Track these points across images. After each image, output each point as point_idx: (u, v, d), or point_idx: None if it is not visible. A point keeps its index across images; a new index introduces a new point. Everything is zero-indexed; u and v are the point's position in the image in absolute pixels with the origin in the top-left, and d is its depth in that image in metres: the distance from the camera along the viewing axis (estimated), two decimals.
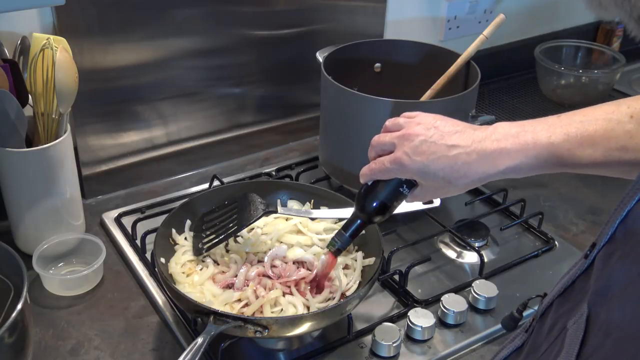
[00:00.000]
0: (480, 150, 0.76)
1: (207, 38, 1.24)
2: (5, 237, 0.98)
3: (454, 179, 0.77)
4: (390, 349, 0.92)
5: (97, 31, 1.12)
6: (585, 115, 0.74)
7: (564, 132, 0.73)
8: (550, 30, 1.79)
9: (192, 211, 1.03)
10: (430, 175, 0.78)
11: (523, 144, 0.74)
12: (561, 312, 0.62)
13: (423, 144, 0.78)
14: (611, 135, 0.72)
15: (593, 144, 0.73)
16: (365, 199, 0.85)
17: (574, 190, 1.34)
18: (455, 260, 1.12)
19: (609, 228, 0.57)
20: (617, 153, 0.73)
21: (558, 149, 0.73)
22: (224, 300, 0.89)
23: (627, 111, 0.73)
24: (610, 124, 0.73)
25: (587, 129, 0.73)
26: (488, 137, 0.76)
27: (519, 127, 0.75)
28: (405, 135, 0.79)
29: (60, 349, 0.93)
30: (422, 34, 1.54)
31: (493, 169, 0.76)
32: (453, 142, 0.77)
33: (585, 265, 0.60)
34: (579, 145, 0.73)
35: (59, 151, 1.01)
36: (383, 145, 0.82)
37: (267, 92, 1.37)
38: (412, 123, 0.80)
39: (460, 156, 0.76)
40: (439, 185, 0.79)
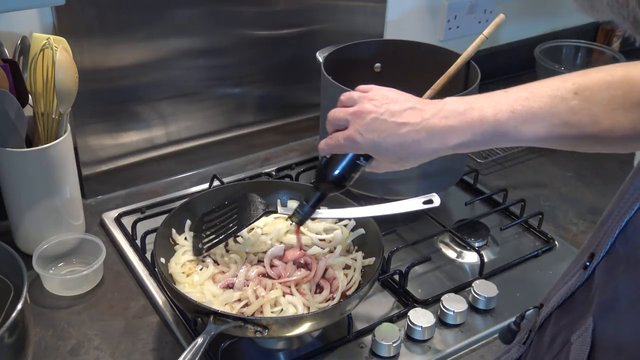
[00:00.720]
0: (429, 127, 0.77)
1: (207, 38, 1.24)
2: (5, 237, 0.98)
3: (404, 156, 0.79)
4: (390, 349, 0.92)
5: (97, 31, 1.12)
6: (531, 92, 0.76)
7: (510, 110, 0.75)
8: (550, 30, 1.79)
9: (192, 211, 1.03)
10: (382, 152, 0.80)
11: (470, 121, 0.76)
12: (562, 325, 0.61)
13: (374, 121, 0.79)
14: (555, 111, 0.74)
15: (537, 120, 0.74)
16: (324, 171, 0.87)
17: (574, 190, 1.34)
18: (455, 260, 1.12)
19: (608, 238, 0.56)
20: (561, 129, 0.75)
21: (504, 126, 0.75)
22: (224, 300, 0.89)
23: (571, 88, 0.75)
24: (555, 100, 0.74)
25: (532, 105, 0.75)
26: (437, 114, 0.77)
27: (467, 103, 0.77)
28: (357, 112, 0.81)
29: (60, 349, 0.93)
30: (422, 34, 1.54)
31: (442, 145, 0.77)
32: (403, 119, 0.78)
33: (585, 276, 0.59)
34: (523, 122, 0.75)
35: (59, 151, 1.01)
36: (338, 120, 0.83)
37: (267, 92, 1.37)
38: (365, 99, 0.82)
39: (410, 134, 0.78)
40: (392, 159, 0.81)
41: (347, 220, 1.05)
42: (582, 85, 0.75)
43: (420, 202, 0.98)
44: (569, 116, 0.74)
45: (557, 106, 0.74)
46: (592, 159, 1.43)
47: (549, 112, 0.74)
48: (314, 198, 0.91)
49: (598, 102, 0.74)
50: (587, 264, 0.59)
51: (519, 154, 1.45)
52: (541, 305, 0.67)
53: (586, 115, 0.74)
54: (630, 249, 0.54)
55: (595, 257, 0.58)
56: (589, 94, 0.74)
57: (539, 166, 1.42)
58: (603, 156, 1.32)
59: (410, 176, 1.15)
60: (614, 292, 0.54)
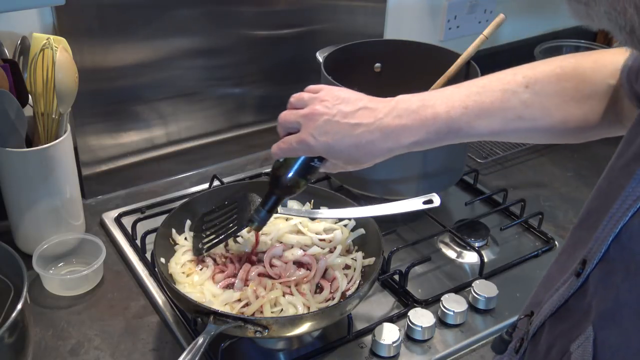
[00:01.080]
0: (382, 127, 0.77)
1: (207, 38, 1.24)
2: (5, 237, 0.98)
3: (359, 157, 0.79)
4: (390, 349, 0.92)
5: (97, 31, 1.12)
6: (483, 87, 0.76)
7: (462, 106, 0.75)
8: (550, 30, 1.79)
9: (192, 211, 1.03)
10: (336, 154, 0.79)
11: (423, 119, 0.75)
12: (557, 333, 0.60)
13: (327, 123, 0.78)
14: (507, 106, 0.74)
15: (490, 115, 0.74)
16: (279, 175, 0.86)
17: (574, 190, 1.34)
18: (455, 260, 1.12)
19: (601, 245, 0.55)
20: (514, 123, 0.75)
21: (457, 123, 0.75)
22: (224, 300, 0.89)
23: (522, 81, 0.75)
24: (506, 94, 0.74)
25: (484, 101, 0.74)
26: (389, 114, 0.77)
27: (420, 101, 0.77)
28: (309, 114, 0.80)
29: (60, 349, 0.93)
30: (422, 34, 1.54)
31: (396, 145, 0.77)
32: (356, 120, 0.78)
33: (579, 284, 0.58)
34: (476, 118, 0.75)
35: (59, 151, 1.01)
36: (289, 123, 0.82)
37: (267, 92, 1.37)
38: (316, 100, 0.81)
39: (364, 135, 0.77)
40: (347, 161, 0.80)
41: (347, 220, 1.04)
42: (532, 79, 0.75)
43: (420, 202, 0.98)
44: (522, 110, 0.74)
45: (509, 100, 0.74)
46: (592, 159, 1.43)
47: (501, 107, 0.74)
48: (270, 202, 0.89)
49: (549, 95, 0.75)
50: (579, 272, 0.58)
51: (519, 154, 1.45)
52: (531, 313, 0.66)
53: (538, 108, 0.75)
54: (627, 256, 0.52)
55: (588, 264, 0.56)
56: (540, 87, 0.75)
57: (539, 166, 1.42)
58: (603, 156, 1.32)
59: (410, 176, 1.15)
60: (615, 301, 0.53)
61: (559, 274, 0.62)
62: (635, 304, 0.51)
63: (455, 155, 1.20)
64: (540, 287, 0.67)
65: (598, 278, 0.55)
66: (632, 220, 0.52)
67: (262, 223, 0.91)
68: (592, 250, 0.56)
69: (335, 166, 0.83)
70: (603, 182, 0.62)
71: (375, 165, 0.81)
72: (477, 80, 0.78)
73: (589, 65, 0.76)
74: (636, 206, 0.51)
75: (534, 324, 0.64)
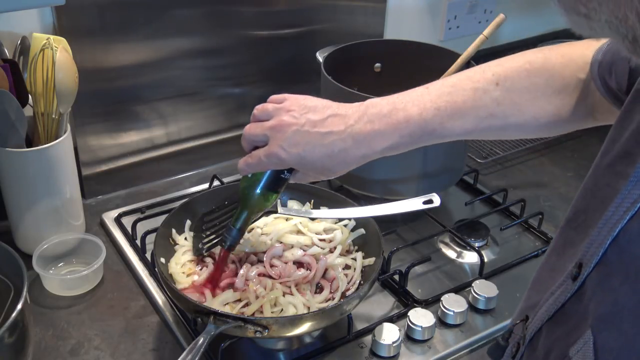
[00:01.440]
0: (354, 134, 0.75)
1: (207, 38, 1.24)
2: (5, 237, 0.98)
3: (332, 166, 0.77)
4: (390, 349, 0.92)
5: (97, 31, 1.12)
6: (453, 86, 0.75)
7: (435, 107, 0.74)
8: (550, 30, 1.79)
9: (192, 211, 1.03)
10: (308, 165, 0.77)
11: (396, 123, 0.74)
12: (555, 338, 0.60)
13: (296, 134, 0.76)
14: (479, 104, 0.74)
15: (463, 115, 0.74)
16: (249, 191, 0.84)
17: (574, 190, 1.33)
18: (455, 260, 1.12)
19: (598, 248, 0.54)
20: (486, 121, 0.74)
21: (430, 124, 0.74)
22: (224, 300, 0.89)
23: (492, 79, 0.75)
24: (477, 93, 0.74)
25: (456, 100, 0.74)
26: (360, 119, 0.75)
27: (390, 104, 0.75)
28: (276, 126, 0.77)
29: (60, 349, 0.93)
30: (422, 34, 1.54)
31: (370, 151, 0.75)
32: (327, 129, 0.76)
33: (576, 287, 0.57)
34: (449, 118, 0.74)
35: (59, 151, 1.01)
36: (255, 137, 0.80)
37: (267, 92, 1.35)
38: (281, 111, 0.79)
39: (336, 143, 0.75)
40: (319, 171, 0.79)
41: (347, 220, 1.04)
42: (502, 76, 0.75)
43: (420, 202, 0.98)
44: (493, 108, 0.74)
45: (481, 99, 0.74)
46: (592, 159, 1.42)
47: (473, 106, 0.74)
48: (242, 219, 0.87)
49: (520, 91, 0.74)
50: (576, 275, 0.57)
51: (519, 154, 1.45)
52: (526, 317, 0.65)
53: (509, 105, 0.74)
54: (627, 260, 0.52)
55: (585, 267, 0.55)
56: (510, 84, 0.74)
57: (539, 166, 1.42)
58: None
59: (410, 176, 1.15)
60: (614, 304, 0.52)
61: (550, 275, 0.62)
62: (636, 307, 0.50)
63: (455, 155, 1.20)
64: (532, 290, 0.67)
65: (595, 281, 0.55)
66: (631, 223, 0.51)
67: (234, 242, 0.89)
68: (588, 254, 0.55)
69: (307, 176, 0.82)
70: (589, 181, 0.62)
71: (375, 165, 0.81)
72: (446, 79, 0.77)
73: (558, 59, 0.76)
74: (634, 209, 0.51)
75: (530, 329, 0.63)
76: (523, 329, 0.65)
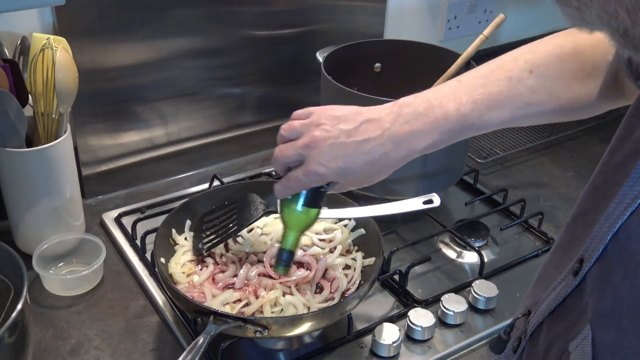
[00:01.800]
0: (393, 137, 0.73)
1: (207, 38, 1.24)
2: (5, 237, 0.98)
3: (375, 172, 0.76)
4: (390, 349, 0.92)
5: (97, 31, 1.12)
6: (486, 77, 0.74)
7: (471, 101, 0.73)
8: (550, 30, 1.78)
9: (192, 211, 1.03)
10: (351, 176, 0.76)
11: (434, 121, 0.73)
12: (556, 333, 0.60)
13: (333, 148, 0.74)
14: (515, 94, 0.73)
15: (500, 106, 0.73)
16: (290, 212, 0.82)
17: (574, 190, 1.34)
18: (455, 260, 1.12)
19: (599, 244, 0.54)
20: (523, 109, 0.74)
21: (468, 119, 0.73)
22: (224, 300, 0.89)
23: (525, 66, 0.74)
24: (512, 82, 0.73)
25: (492, 92, 0.73)
26: (396, 121, 0.74)
27: (425, 102, 0.74)
28: (310, 144, 0.75)
29: (60, 349, 0.93)
30: (422, 34, 1.54)
31: (411, 151, 0.74)
32: (363, 136, 0.74)
33: (577, 282, 0.57)
34: (487, 110, 0.73)
35: (59, 151, 1.01)
36: (289, 158, 0.78)
37: (267, 92, 1.37)
38: (311, 126, 0.76)
39: (376, 149, 0.73)
40: (362, 179, 0.78)
41: (347, 220, 1.04)
42: (534, 63, 0.74)
43: (420, 202, 0.98)
44: (529, 96, 0.73)
45: (516, 88, 0.73)
46: (592, 159, 1.43)
47: (509, 96, 0.73)
48: (290, 242, 0.85)
49: (553, 77, 0.74)
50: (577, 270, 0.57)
51: (519, 154, 1.45)
52: (528, 312, 0.65)
53: (545, 92, 0.74)
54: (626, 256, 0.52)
55: (586, 263, 0.56)
56: (543, 70, 0.74)
57: (539, 166, 1.42)
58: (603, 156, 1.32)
59: (410, 176, 1.15)
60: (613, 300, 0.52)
61: (555, 272, 0.62)
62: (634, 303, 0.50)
63: (455, 155, 1.20)
64: (537, 285, 0.67)
65: (596, 277, 0.55)
66: (631, 219, 0.51)
67: (288, 264, 0.87)
68: (589, 249, 0.55)
69: (347, 186, 0.81)
70: (598, 179, 0.61)
71: None
72: (477, 70, 0.76)
73: (587, 42, 0.75)
74: (634, 205, 0.51)
75: (532, 324, 0.63)
76: (525, 324, 0.65)
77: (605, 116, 1.63)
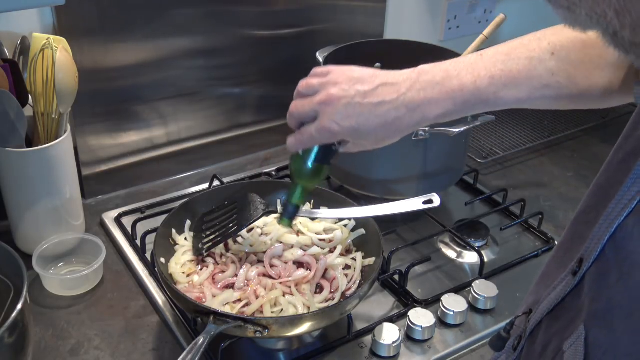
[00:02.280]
0: (407, 102, 0.74)
1: (207, 38, 1.24)
2: (5, 237, 0.98)
3: (387, 135, 0.77)
4: (390, 349, 0.92)
5: (97, 31, 1.12)
6: (507, 55, 0.74)
7: (489, 76, 0.73)
8: None
9: (192, 211, 1.03)
10: (363, 136, 0.77)
11: (450, 92, 0.74)
12: (553, 331, 0.60)
13: (348, 107, 0.75)
14: (534, 74, 0.73)
15: (517, 84, 0.73)
16: (300, 166, 0.84)
17: (574, 190, 1.34)
18: (455, 260, 1.12)
19: (597, 244, 0.54)
20: (540, 91, 0.73)
21: (484, 93, 0.73)
22: (224, 300, 0.89)
23: (547, 48, 0.74)
24: (533, 62, 0.73)
25: (511, 69, 0.73)
26: (413, 87, 0.75)
27: (443, 72, 0.74)
28: (326, 100, 0.76)
29: (60, 349, 0.93)
30: (422, 34, 1.54)
31: (423, 118, 0.75)
32: (378, 98, 0.75)
33: (575, 282, 0.57)
34: (503, 87, 0.73)
35: (59, 151, 1.01)
36: (303, 114, 0.79)
37: (267, 92, 1.37)
38: (328, 85, 0.77)
39: (390, 112, 0.75)
40: (373, 141, 0.78)
41: (347, 220, 1.04)
42: (557, 45, 0.74)
43: (420, 202, 0.98)
44: (548, 78, 0.73)
45: (536, 68, 0.73)
46: (592, 159, 1.43)
47: (528, 76, 0.73)
48: (297, 195, 0.87)
49: (575, 62, 0.74)
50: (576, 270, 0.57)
51: (519, 154, 1.45)
52: (530, 311, 0.65)
53: (564, 76, 0.73)
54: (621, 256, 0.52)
55: (585, 263, 0.56)
56: (565, 54, 0.73)
57: (539, 166, 1.42)
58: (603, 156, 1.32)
59: (410, 176, 1.15)
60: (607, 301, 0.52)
61: (557, 270, 0.62)
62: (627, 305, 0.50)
63: (455, 155, 1.20)
64: (539, 283, 0.67)
65: (593, 277, 0.55)
66: (627, 220, 0.51)
67: (292, 217, 0.89)
68: (588, 249, 0.55)
69: (357, 147, 0.81)
70: (602, 177, 0.61)
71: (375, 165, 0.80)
72: (500, 46, 0.76)
73: None
74: (631, 205, 0.51)
75: (532, 322, 0.64)
76: (525, 322, 0.65)
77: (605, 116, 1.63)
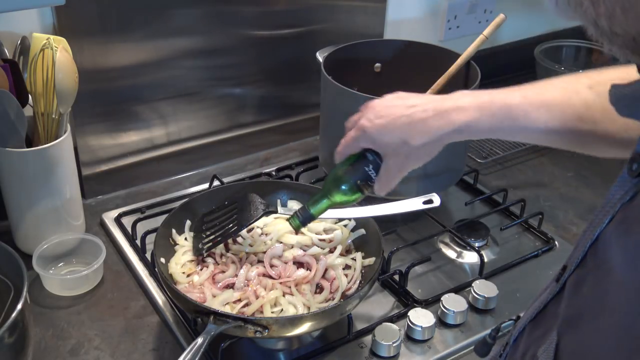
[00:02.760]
0: (437, 107, 0.77)
1: (207, 38, 1.24)
2: (5, 237, 0.98)
3: (410, 137, 0.78)
4: (390, 349, 0.92)
5: (97, 31, 1.12)
6: (544, 84, 0.76)
7: (521, 95, 0.74)
8: (550, 30, 1.79)
9: (192, 211, 1.03)
10: (388, 135, 0.79)
11: (480, 102, 0.75)
12: (533, 338, 0.60)
13: (384, 108, 0.80)
14: (568, 103, 0.73)
15: (550, 109, 0.73)
16: (335, 182, 0.86)
17: (574, 190, 1.34)
18: (455, 260, 1.12)
19: (579, 251, 0.54)
20: (573, 122, 0.73)
21: (514, 110, 0.74)
22: (224, 300, 0.89)
23: (586, 82, 0.74)
24: (568, 92, 0.73)
25: (545, 94, 0.74)
26: (447, 99, 0.78)
27: (479, 92, 0.77)
28: (370, 105, 0.83)
29: (60, 349, 0.93)
30: (422, 34, 1.54)
31: (449, 125, 0.76)
32: (412, 102, 0.79)
33: (557, 289, 0.58)
34: (535, 109, 0.73)
35: (59, 151, 1.01)
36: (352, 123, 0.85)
37: (267, 92, 1.37)
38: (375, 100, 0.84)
39: (417, 113, 0.78)
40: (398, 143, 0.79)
41: (347, 220, 1.05)
42: (596, 81, 0.73)
43: (420, 202, 0.98)
44: (583, 110, 0.72)
45: (571, 98, 0.73)
46: (592, 159, 1.41)
47: (562, 103, 0.73)
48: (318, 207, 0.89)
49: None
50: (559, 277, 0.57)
51: (519, 154, 1.45)
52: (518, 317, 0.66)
53: (599, 111, 0.72)
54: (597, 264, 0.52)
55: (567, 270, 0.56)
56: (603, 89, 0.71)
57: (539, 166, 1.42)
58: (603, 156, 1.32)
59: (410, 176, 1.15)
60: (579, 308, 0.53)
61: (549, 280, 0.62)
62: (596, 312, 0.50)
63: (455, 155, 1.20)
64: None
65: (572, 284, 0.55)
66: (608, 227, 0.51)
67: (305, 223, 0.91)
68: (572, 256, 0.56)
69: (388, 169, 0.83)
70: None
71: None
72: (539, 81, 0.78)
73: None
74: (612, 213, 0.51)
75: (516, 329, 0.64)
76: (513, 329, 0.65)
77: None
